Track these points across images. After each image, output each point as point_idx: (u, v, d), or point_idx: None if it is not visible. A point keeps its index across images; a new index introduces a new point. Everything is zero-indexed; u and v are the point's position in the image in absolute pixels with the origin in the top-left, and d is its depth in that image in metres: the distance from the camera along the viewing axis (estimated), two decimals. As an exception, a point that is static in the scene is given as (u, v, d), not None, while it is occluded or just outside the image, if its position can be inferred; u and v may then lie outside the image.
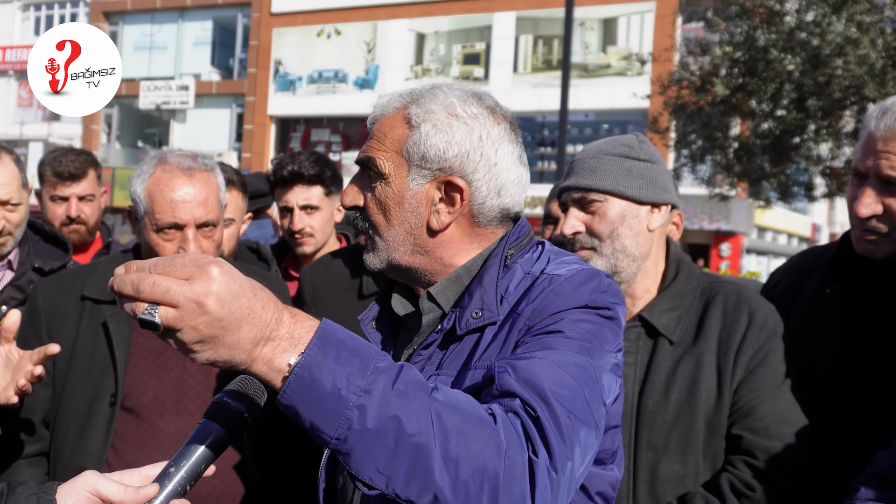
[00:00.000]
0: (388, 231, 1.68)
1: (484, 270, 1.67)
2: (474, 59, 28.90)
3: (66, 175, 3.82)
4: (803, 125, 13.05)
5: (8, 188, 2.83)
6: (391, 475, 1.21)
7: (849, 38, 11.17)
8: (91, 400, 2.45)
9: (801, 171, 14.93)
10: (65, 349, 2.46)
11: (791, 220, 34.58)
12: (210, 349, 1.22)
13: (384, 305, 1.82)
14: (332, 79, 30.92)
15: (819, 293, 2.32)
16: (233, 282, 1.20)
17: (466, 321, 1.62)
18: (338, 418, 1.20)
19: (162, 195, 2.46)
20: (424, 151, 1.64)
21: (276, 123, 32.26)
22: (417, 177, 1.65)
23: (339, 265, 3.15)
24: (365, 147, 1.70)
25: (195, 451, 1.38)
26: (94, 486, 1.35)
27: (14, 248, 2.97)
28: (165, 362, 2.50)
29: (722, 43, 12.72)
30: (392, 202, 1.66)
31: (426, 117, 1.65)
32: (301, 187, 3.60)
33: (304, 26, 31.29)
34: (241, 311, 1.20)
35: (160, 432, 2.44)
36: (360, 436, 1.20)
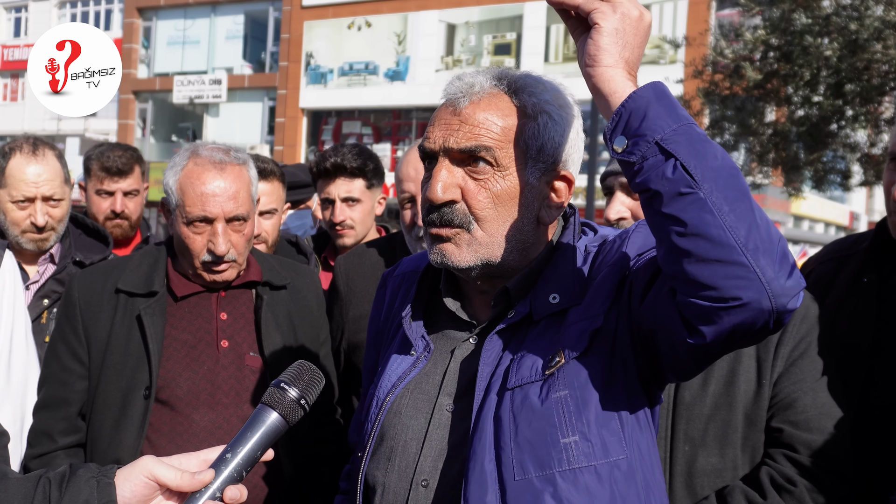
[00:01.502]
0: (496, 226, 1.61)
1: (558, 257, 1.67)
2: (505, 50, 28.79)
3: (113, 170, 3.85)
4: (841, 111, 12.84)
5: (51, 184, 2.88)
6: (715, 174, 1.34)
7: (888, 21, 10.96)
8: (126, 392, 2.47)
9: (837, 159, 14.68)
10: (100, 342, 2.51)
11: (828, 209, 34.11)
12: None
13: (418, 300, 1.79)
14: (363, 71, 30.96)
15: (855, 282, 2.29)
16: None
17: (543, 306, 1.61)
18: (679, 118, 1.39)
19: (193, 188, 2.46)
20: (543, 143, 1.61)
21: (307, 116, 32.38)
22: (534, 170, 1.62)
23: (374, 255, 3.16)
24: (464, 135, 1.59)
25: (252, 437, 1.39)
26: (152, 471, 1.37)
27: (56, 243, 3.02)
28: (199, 355, 2.52)
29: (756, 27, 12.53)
30: (507, 196, 1.60)
31: (542, 107, 1.62)
32: (343, 179, 3.62)
33: (335, 19, 31.34)
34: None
35: (194, 425, 2.47)
36: (695, 136, 1.37)
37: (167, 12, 34.95)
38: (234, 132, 32.51)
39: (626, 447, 1.54)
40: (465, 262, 1.62)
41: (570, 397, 1.53)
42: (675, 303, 1.41)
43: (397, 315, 1.85)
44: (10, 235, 2.97)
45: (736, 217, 1.33)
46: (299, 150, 31.76)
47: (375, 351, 1.92)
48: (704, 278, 1.34)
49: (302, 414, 1.43)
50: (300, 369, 1.45)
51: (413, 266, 1.91)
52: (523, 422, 1.53)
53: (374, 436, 1.70)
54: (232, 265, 2.53)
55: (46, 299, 3.00)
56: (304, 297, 2.75)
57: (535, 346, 1.58)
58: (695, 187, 1.33)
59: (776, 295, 1.33)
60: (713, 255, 1.32)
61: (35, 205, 2.90)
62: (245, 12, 33.87)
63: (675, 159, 1.35)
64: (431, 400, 1.66)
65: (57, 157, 2.94)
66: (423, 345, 1.72)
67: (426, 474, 1.61)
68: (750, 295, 1.33)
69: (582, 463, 1.51)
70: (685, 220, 1.34)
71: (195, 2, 34.36)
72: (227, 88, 33.34)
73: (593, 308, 1.58)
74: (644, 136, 1.38)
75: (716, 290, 1.34)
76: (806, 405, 2.07)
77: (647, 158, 1.37)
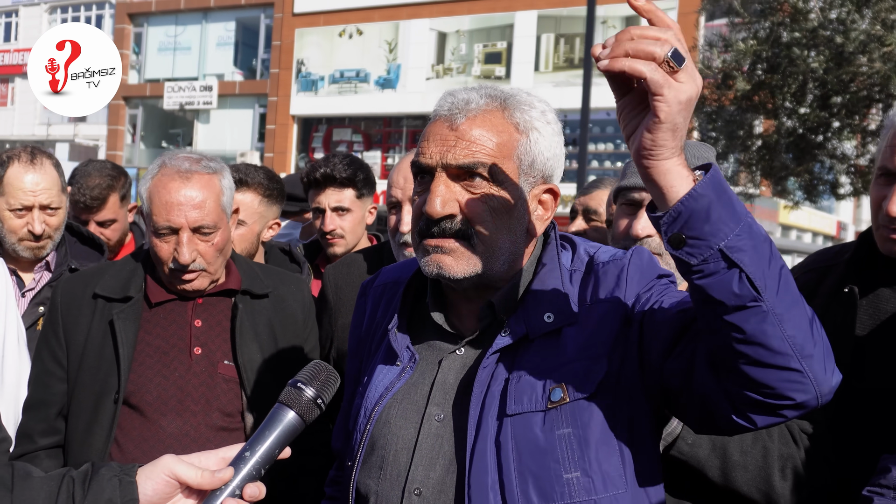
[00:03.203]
0: (495, 239, 1.65)
1: (546, 273, 1.71)
2: (496, 58, 28.89)
3: (80, 206, 3.76)
4: (827, 123, 12.95)
5: (48, 193, 2.91)
6: (774, 280, 1.37)
7: (873, 35, 11.07)
8: (98, 396, 2.51)
9: (825, 170, 14.79)
10: (77, 345, 2.54)
11: (816, 219, 34.30)
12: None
13: (403, 311, 1.82)
14: (354, 78, 31.00)
15: (836, 292, 2.32)
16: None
17: (538, 325, 1.65)
18: (739, 217, 1.36)
19: (159, 197, 2.47)
20: (533, 158, 1.67)
21: (298, 123, 32.40)
22: (526, 184, 1.67)
23: (362, 264, 3.19)
24: (462, 151, 1.62)
25: (269, 436, 1.42)
26: (173, 470, 1.39)
27: (52, 250, 3.05)
28: (170, 362, 2.54)
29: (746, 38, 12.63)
30: (503, 208, 1.64)
31: (532, 124, 1.67)
32: (333, 189, 3.66)
33: (326, 26, 31.40)
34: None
35: (160, 431, 2.49)
36: (756, 235, 1.37)
37: (158, 18, 34.94)
38: (224, 139, 32.50)
39: (626, 482, 1.60)
40: (461, 273, 1.65)
41: (573, 436, 1.58)
42: (721, 387, 1.46)
43: (380, 325, 1.88)
44: (7, 243, 2.99)
45: (793, 325, 1.38)
46: (290, 158, 31.76)
47: (358, 360, 1.95)
48: (760, 379, 1.40)
49: (318, 413, 1.46)
50: (316, 369, 1.48)
51: (394, 276, 1.94)
52: (526, 453, 1.59)
53: (363, 445, 1.73)
54: (201, 274, 2.52)
55: (42, 306, 3.02)
56: (288, 305, 2.75)
57: (532, 369, 1.62)
58: (759, 300, 1.35)
59: (823, 394, 1.42)
60: (770, 362, 1.38)
61: (32, 213, 2.92)
62: (236, 19, 33.89)
63: (741, 271, 1.35)
64: (420, 410, 1.70)
65: (54, 165, 2.96)
66: (409, 355, 1.75)
67: (419, 482, 1.65)
68: (803, 397, 1.41)
69: (583, 497, 1.57)
70: (746, 330, 1.36)
71: (186, 8, 34.36)
72: (217, 95, 33.34)
73: (597, 347, 1.62)
74: (707, 240, 1.35)
75: (770, 390, 1.40)
76: None
77: (709, 263, 1.36)
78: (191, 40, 34.45)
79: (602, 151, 27.38)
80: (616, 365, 1.61)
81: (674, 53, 1.32)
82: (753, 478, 2.01)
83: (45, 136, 36.28)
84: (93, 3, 37.10)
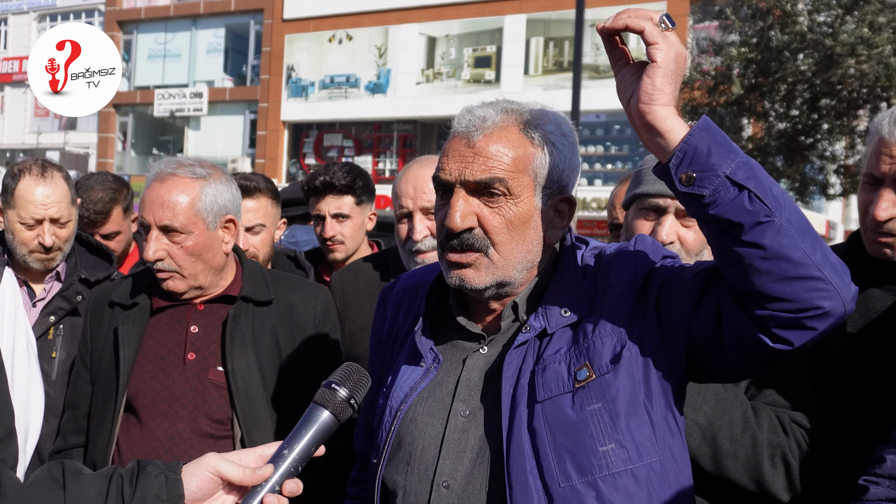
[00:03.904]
0: (512, 250, 1.74)
1: (562, 272, 1.80)
2: (485, 62, 28.95)
3: (85, 221, 3.81)
4: (817, 125, 13.07)
5: (59, 206, 2.95)
6: (781, 201, 1.50)
7: (861, 37, 11.19)
8: (105, 398, 2.60)
9: (815, 170, 14.93)
10: (97, 349, 2.66)
11: (805, 218, 34.43)
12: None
13: (427, 315, 1.89)
14: (344, 84, 31.01)
15: None
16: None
17: (556, 320, 1.74)
18: (736, 150, 1.53)
19: (142, 196, 2.58)
20: (549, 171, 1.75)
21: (288, 129, 32.38)
22: (542, 195, 1.75)
23: (368, 270, 3.26)
24: (479, 167, 1.71)
25: (306, 434, 1.47)
26: (216, 467, 1.44)
27: (62, 261, 3.10)
28: (166, 366, 2.59)
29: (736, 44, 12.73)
30: (520, 221, 1.73)
31: (548, 138, 1.75)
32: (332, 197, 3.75)
33: (316, 32, 31.40)
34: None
35: (149, 434, 2.55)
36: (754, 165, 1.51)
37: (148, 26, 34.89)
38: (215, 145, 32.47)
39: (658, 450, 1.69)
40: (482, 284, 1.75)
41: (603, 409, 1.67)
42: (751, 317, 1.56)
43: (402, 328, 1.96)
44: (18, 254, 3.04)
45: (807, 238, 1.51)
46: (281, 163, 31.75)
47: (380, 363, 2.03)
48: (787, 294, 1.50)
49: (351, 412, 1.51)
50: (349, 370, 1.54)
51: (414, 282, 2.02)
52: (560, 433, 1.67)
53: (389, 442, 1.81)
54: (174, 276, 2.57)
55: (53, 316, 3.07)
56: (298, 313, 2.74)
57: (555, 359, 1.71)
58: (771, 215, 1.49)
59: (847, 300, 1.53)
60: (794, 274, 1.49)
61: (43, 226, 2.96)
62: (226, 25, 33.86)
63: (749, 191, 1.49)
64: (446, 407, 1.78)
65: (64, 178, 3.00)
66: (433, 356, 1.83)
67: (447, 476, 1.73)
68: (830, 304, 1.51)
69: (620, 468, 1.65)
70: (766, 245, 1.49)
71: (176, 15, 34.33)
72: (208, 101, 33.29)
73: (615, 325, 1.71)
74: (714, 170, 1.50)
75: (798, 303, 1.51)
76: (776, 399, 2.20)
77: (720, 191, 1.50)
78: (180, 47, 34.41)
79: (592, 154, 27.46)
80: (636, 338, 1.71)
81: (666, 16, 1.54)
82: (744, 466, 2.07)
83: (36, 144, 36.16)
84: (82, 11, 37.02)
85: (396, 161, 30.48)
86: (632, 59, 1.62)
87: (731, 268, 1.56)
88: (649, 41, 1.53)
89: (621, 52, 1.62)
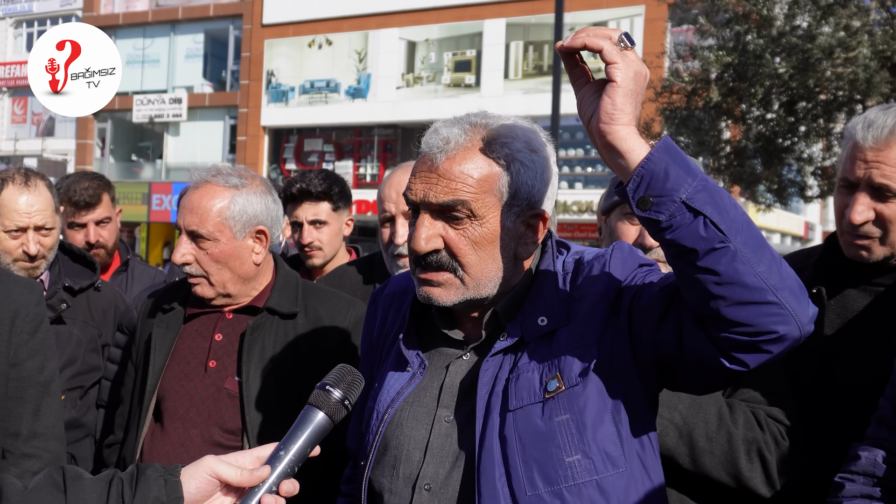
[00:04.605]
0: (480, 270, 1.75)
1: (542, 280, 1.81)
2: (465, 67, 28.99)
3: (81, 204, 3.92)
4: (794, 127, 13.20)
5: (43, 214, 2.95)
6: (738, 225, 1.49)
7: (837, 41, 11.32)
8: (138, 399, 2.68)
9: (793, 173, 15.08)
10: (140, 351, 2.75)
11: (784, 220, 34.71)
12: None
13: (412, 321, 1.92)
14: (325, 89, 30.97)
15: None
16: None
17: (533, 329, 1.76)
18: (695, 173, 1.51)
19: (181, 201, 2.70)
20: (516, 189, 1.74)
21: (269, 134, 32.29)
22: (510, 214, 1.75)
23: (353, 275, 3.31)
24: (442, 189, 1.71)
25: (301, 436, 1.50)
26: (214, 469, 1.47)
27: (46, 270, 3.10)
28: (190, 372, 2.63)
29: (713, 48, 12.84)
30: (487, 241, 1.73)
31: (515, 156, 1.74)
32: (309, 203, 3.82)
33: (296, 37, 31.34)
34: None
35: (166, 438, 2.59)
36: (712, 189, 1.50)
37: (126, 31, 34.69)
38: (195, 151, 32.33)
39: (626, 462, 1.71)
40: (450, 302, 1.77)
41: (571, 421, 1.69)
42: (709, 337, 1.57)
43: (390, 332, 1.99)
44: (2, 263, 3.03)
45: (762, 263, 1.50)
46: (261, 169, 31.64)
47: (370, 365, 2.06)
48: (742, 318, 1.50)
49: (345, 413, 1.55)
50: (342, 372, 1.57)
51: (402, 286, 2.05)
52: (529, 443, 1.69)
53: (376, 446, 1.84)
54: (201, 281, 2.61)
55: (36, 324, 3.06)
56: (324, 327, 2.71)
57: (529, 368, 1.73)
58: (726, 241, 1.48)
59: (803, 324, 1.53)
60: (749, 299, 1.49)
61: (27, 234, 2.96)
62: (205, 31, 33.72)
63: (705, 217, 1.48)
64: (430, 412, 1.81)
65: (48, 187, 3.01)
66: (419, 362, 1.86)
67: (429, 479, 1.76)
68: (785, 328, 1.51)
69: (585, 478, 1.68)
70: (720, 272, 1.48)
71: (154, 21, 34.16)
72: (187, 107, 33.14)
73: (586, 337, 1.73)
74: (670, 196, 1.49)
75: (753, 328, 1.51)
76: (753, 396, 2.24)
77: (676, 216, 1.49)
78: (159, 53, 34.23)
79: (573, 157, 27.56)
80: (607, 350, 1.72)
81: (625, 35, 1.54)
82: (721, 462, 2.11)
83: (13, 151, 35.86)
84: (59, 17, 36.73)
85: (377, 166, 30.47)
86: (591, 77, 1.61)
87: (689, 291, 1.56)
88: (608, 60, 1.52)
89: (581, 70, 1.61)
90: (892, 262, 2.30)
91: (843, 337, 2.35)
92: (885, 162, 2.20)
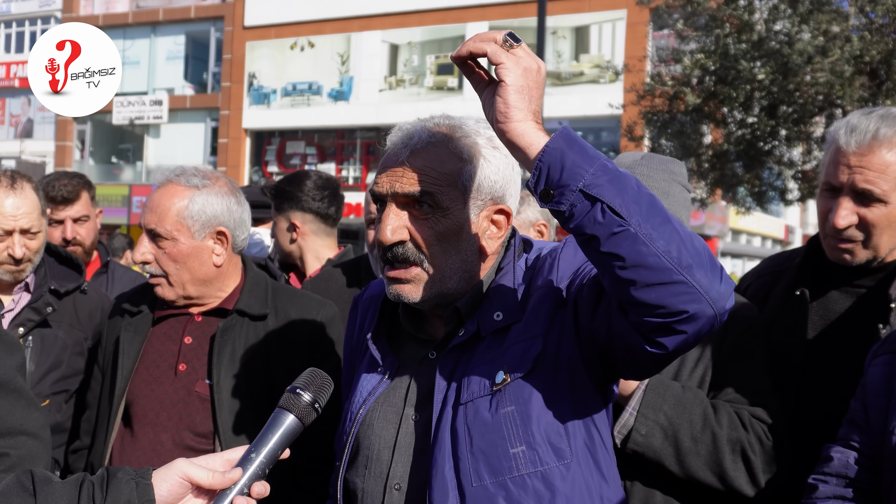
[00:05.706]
0: (444, 262, 1.77)
1: (501, 278, 1.83)
2: (448, 70, 29.02)
3: (59, 199, 3.90)
4: (775, 131, 13.31)
5: (29, 217, 2.92)
6: (638, 207, 1.49)
7: (817, 46, 11.43)
8: (106, 404, 2.66)
9: (774, 176, 15.20)
10: (107, 354, 2.73)
11: (765, 223, 34.99)
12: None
13: (381, 322, 1.95)
14: (307, 91, 30.93)
15: (788, 295, 2.45)
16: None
17: (488, 324, 1.78)
18: (593, 160, 1.52)
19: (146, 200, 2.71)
20: (479, 183, 1.78)
21: (250, 137, 32.20)
22: (473, 207, 1.78)
23: (340, 278, 3.31)
24: (409, 181, 1.75)
25: (272, 438, 1.51)
26: (185, 472, 1.47)
27: (32, 272, 3.08)
28: (160, 376, 2.61)
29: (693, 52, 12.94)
30: (451, 233, 1.76)
31: (477, 150, 1.78)
32: None
33: (278, 39, 31.28)
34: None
35: (136, 442, 2.57)
36: (612, 172, 1.51)
37: (106, 32, 33.83)
38: (175, 153, 32.15)
39: (572, 452, 1.73)
40: (419, 298, 1.79)
41: (516, 412, 1.71)
42: (630, 322, 1.57)
43: (366, 335, 2.00)
44: (-15, 266, 3.01)
45: (665, 241, 1.48)
46: (243, 171, 31.55)
47: (351, 368, 2.08)
48: (651, 300, 1.50)
49: (315, 416, 1.56)
50: (312, 375, 1.59)
51: (379, 290, 2.06)
52: (477, 434, 1.72)
53: (349, 446, 1.87)
54: (161, 282, 2.60)
55: (22, 328, 3.03)
56: (294, 327, 2.68)
57: (482, 362, 1.76)
58: (624, 224, 1.48)
59: (715, 300, 1.51)
60: (654, 280, 1.48)
61: (13, 237, 2.93)
62: (186, 32, 33.60)
63: (602, 202, 1.48)
64: (399, 412, 1.84)
65: (34, 189, 2.98)
66: (389, 362, 1.89)
67: (398, 479, 1.79)
68: (695, 307, 1.50)
69: (529, 469, 1.70)
70: (623, 255, 1.48)
71: (134, 22, 33.99)
72: (168, 109, 33.00)
73: (533, 329, 1.75)
74: (567, 185, 1.50)
75: (664, 308, 1.50)
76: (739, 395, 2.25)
77: (576, 205, 1.50)
78: (139, 54, 34.06)
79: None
80: (553, 342, 1.74)
81: (510, 34, 1.57)
82: (706, 462, 2.13)
83: (-9, 153, 35.57)
84: (38, 18, 36.49)
85: (360, 168, 30.44)
86: (488, 80, 1.65)
87: (603, 277, 1.57)
88: (495, 62, 1.56)
89: (478, 76, 1.65)
90: (874, 265, 2.34)
91: (825, 338, 2.37)
92: (867, 167, 2.23)
